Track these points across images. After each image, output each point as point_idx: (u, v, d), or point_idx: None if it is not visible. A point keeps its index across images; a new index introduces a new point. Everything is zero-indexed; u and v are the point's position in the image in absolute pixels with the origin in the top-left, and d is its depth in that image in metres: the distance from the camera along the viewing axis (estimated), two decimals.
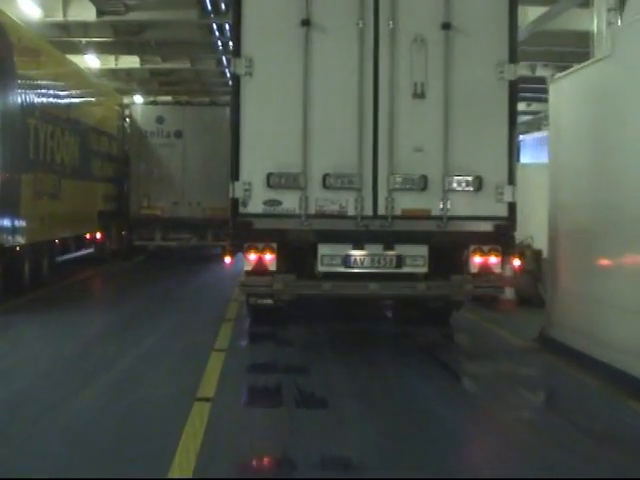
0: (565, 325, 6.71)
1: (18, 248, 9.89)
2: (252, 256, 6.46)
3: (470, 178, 6.41)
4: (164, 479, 3.79)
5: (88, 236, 14.91)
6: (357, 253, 6.55)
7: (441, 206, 6.42)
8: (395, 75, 6.39)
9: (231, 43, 7.18)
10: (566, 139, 6.95)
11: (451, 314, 7.61)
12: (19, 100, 9.92)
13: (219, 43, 18.15)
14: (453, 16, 6.38)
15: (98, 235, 15.24)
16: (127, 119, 17.00)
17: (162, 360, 6.42)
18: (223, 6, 14.34)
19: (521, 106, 20.17)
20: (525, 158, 19.06)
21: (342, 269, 6.54)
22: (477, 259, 6.49)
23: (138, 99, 17.87)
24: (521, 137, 19.38)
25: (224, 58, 19.32)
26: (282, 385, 5.52)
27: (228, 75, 21.52)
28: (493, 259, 6.48)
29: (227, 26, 16.06)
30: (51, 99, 11.66)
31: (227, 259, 7.60)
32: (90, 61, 17.55)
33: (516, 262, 7.27)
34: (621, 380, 5.45)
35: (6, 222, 9.55)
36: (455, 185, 6.41)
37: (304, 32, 6.37)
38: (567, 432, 4.64)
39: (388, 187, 6.40)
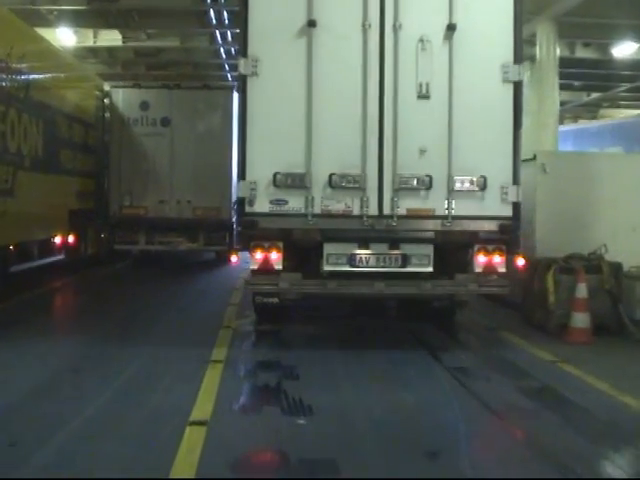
0: None
1: None
2: (258, 255, 8.45)
3: (475, 178, 8.36)
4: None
5: (59, 240, 15.76)
6: (362, 252, 8.52)
7: (446, 206, 8.38)
8: (400, 76, 8.35)
9: (235, 41, 9.14)
10: None
11: (455, 313, 9.55)
12: None
13: (212, 13, 19.66)
14: (458, 17, 8.35)
15: (71, 239, 16.18)
16: (107, 105, 18.27)
17: (104, 449, 5.41)
18: None
19: None
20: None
21: (347, 268, 8.50)
22: (481, 258, 8.46)
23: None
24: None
25: (218, 33, 21.11)
26: None
27: (224, 56, 23.30)
28: (497, 258, 8.46)
29: None
30: (2, 75, 11.67)
31: (234, 258, 9.58)
32: (64, 37, 19.30)
33: (520, 262, 9.03)
34: None
35: None
36: (460, 185, 8.36)
37: (310, 33, 8.35)
38: None
39: (393, 187, 8.36)
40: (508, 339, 9.55)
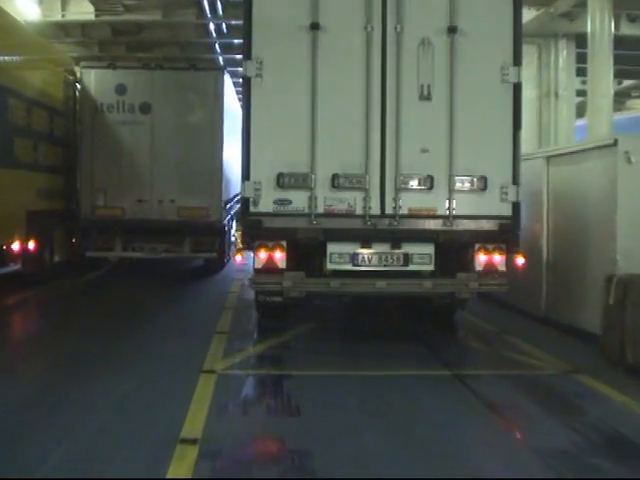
0: None
1: None
2: (262, 254, 11.52)
3: (475, 178, 11.45)
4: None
5: (17, 247, 17.30)
6: (365, 251, 11.60)
7: (447, 205, 11.47)
8: (402, 77, 11.43)
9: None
10: None
11: (455, 312, 12.76)
12: None
13: None
14: (459, 20, 11.45)
15: (30, 245, 17.84)
16: (79, 90, 20.43)
17: None
18: None
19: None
20: None
21: (350, 267, 11.58)
22: (482, 257, 11.57)
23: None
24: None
25: (206, 3, 23.57)
26: None
27: (214, 34, 26.11)
28: (497, 257, 11.58)
29: None
30: None
31: (238, 257, 12.76)
32: (26, 9, 21.84)
33: (520, 260, 12.02)
34: None
35: None
36: (460, 185, 11.44)
37: (313, 35, 11.42)
38: None
39: (395, 187, 11.42)
40: (597, 390, 9.28)
